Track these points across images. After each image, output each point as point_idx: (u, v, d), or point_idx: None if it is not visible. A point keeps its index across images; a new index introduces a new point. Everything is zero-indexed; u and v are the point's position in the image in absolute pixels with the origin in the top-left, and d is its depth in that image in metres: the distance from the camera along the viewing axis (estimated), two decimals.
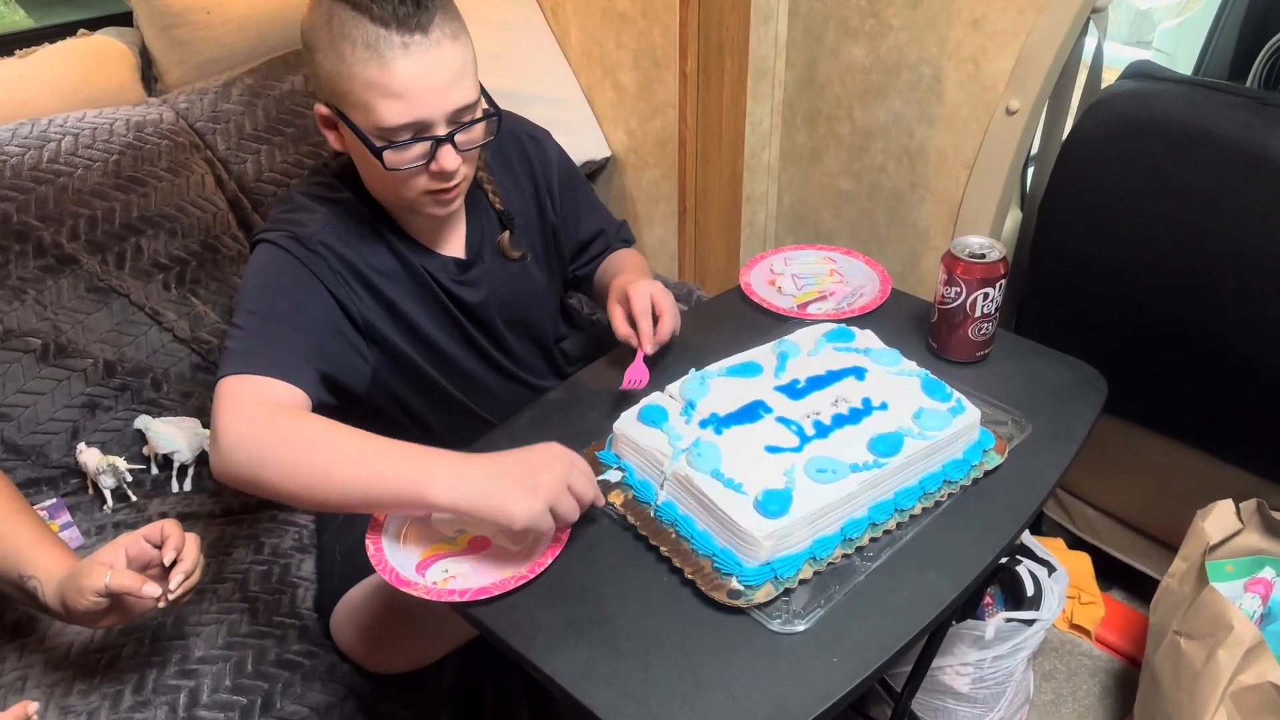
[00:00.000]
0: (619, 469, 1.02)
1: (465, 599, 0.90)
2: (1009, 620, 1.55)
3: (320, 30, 1.01)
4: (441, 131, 1.04)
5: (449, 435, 1.25)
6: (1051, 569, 1.63)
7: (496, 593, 0.90)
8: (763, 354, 1.12)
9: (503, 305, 1.26)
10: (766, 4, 1.85)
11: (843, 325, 1.17)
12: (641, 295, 1.19)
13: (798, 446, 0.98)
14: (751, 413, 1.02)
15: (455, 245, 1.23)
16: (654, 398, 1.05)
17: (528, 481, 0.90)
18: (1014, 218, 1.85)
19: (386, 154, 1.03)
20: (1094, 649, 1.82)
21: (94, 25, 1.84)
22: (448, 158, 1.05)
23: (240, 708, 1.14)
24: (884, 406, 1.03)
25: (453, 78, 1.03)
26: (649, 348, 1.17)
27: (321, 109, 1.07)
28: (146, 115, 1.65)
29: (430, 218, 1.15)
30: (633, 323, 1.19)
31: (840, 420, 1.01)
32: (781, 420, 1.01)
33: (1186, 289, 1.51)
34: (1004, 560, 1.64)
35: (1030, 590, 1.60)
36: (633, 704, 0.81)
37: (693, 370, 1.08)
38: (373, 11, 0.98)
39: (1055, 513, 1.99)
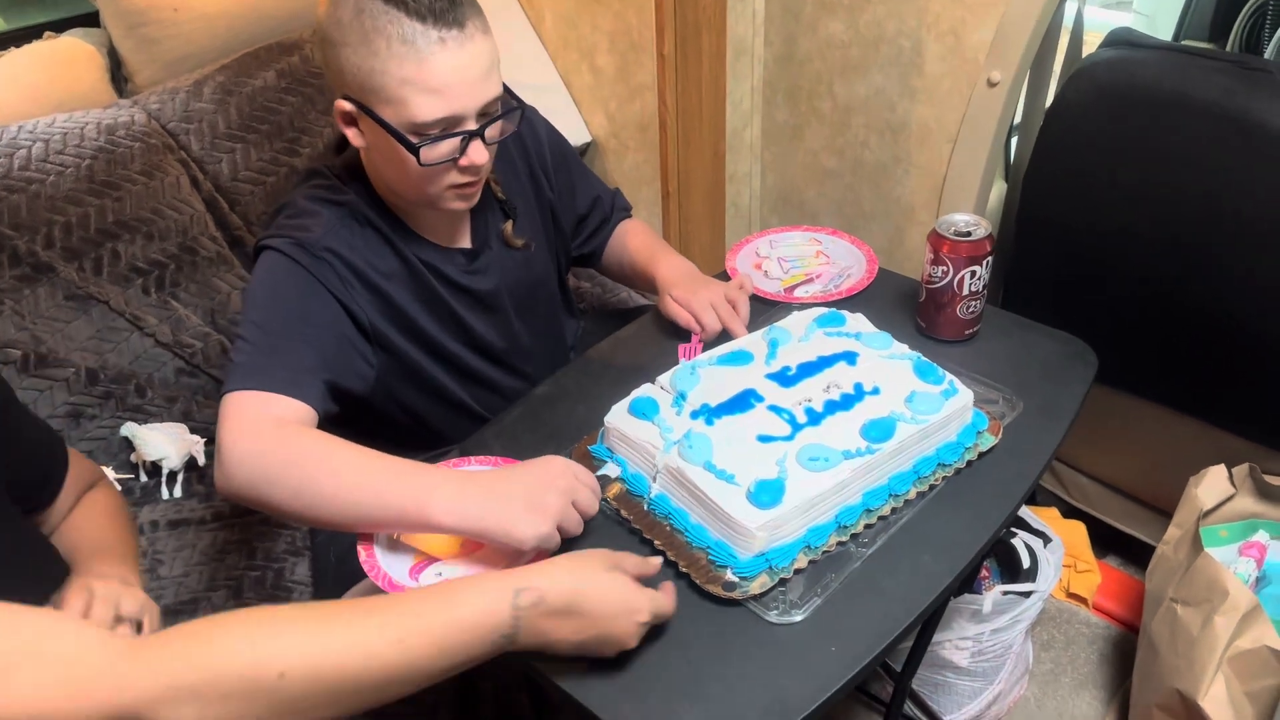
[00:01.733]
0: (614, 464, 1.01)
1: None
2: (1006, 593, 1.55)
3: (348, 25, 0.99)
4: (472, 126, 1.04)
5: (450, 433, 1.24)
6: (1047, 540, 1.64)
7: None
8: (753, 341, 1.11)
9: (513, 292, 1.26)
10: None
11: (834, 310, 1.16)
12: (709, 314, 1.22)
13: (789, 435, 0.97)
14: (743, 402, 1.01)
15: (461, 238, 1.22)
16: (644, 389, 1.04)
17: (534, 502, 0.89)
18: (999, 189, 1.84)
19: (422, 150, 1.02)
20: (1091, 617, 1.82)
21: (60, 27, 1.81)
22: (478, 152, 1.05)
23: None
24: (876, 391, 1.02)
25: (485, 72, 1.02)
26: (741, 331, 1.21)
27: (344, 105, 1.04)
28: (118, 118, 1.63)
29: (449, 213, 1.14)
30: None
31: (832, 406, 1.00)
32: (773, 409, 1.00)
33: (1173, 255, 1.50)
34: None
35: (1026, 562, 1.60)
36: (630, 700, 0.81)
37: (683, 360, 1.07)
38: (408, 6, 0.97)
39: (1049, 482, 1.99)
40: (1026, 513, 1.70)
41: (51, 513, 1.06)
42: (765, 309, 1.27)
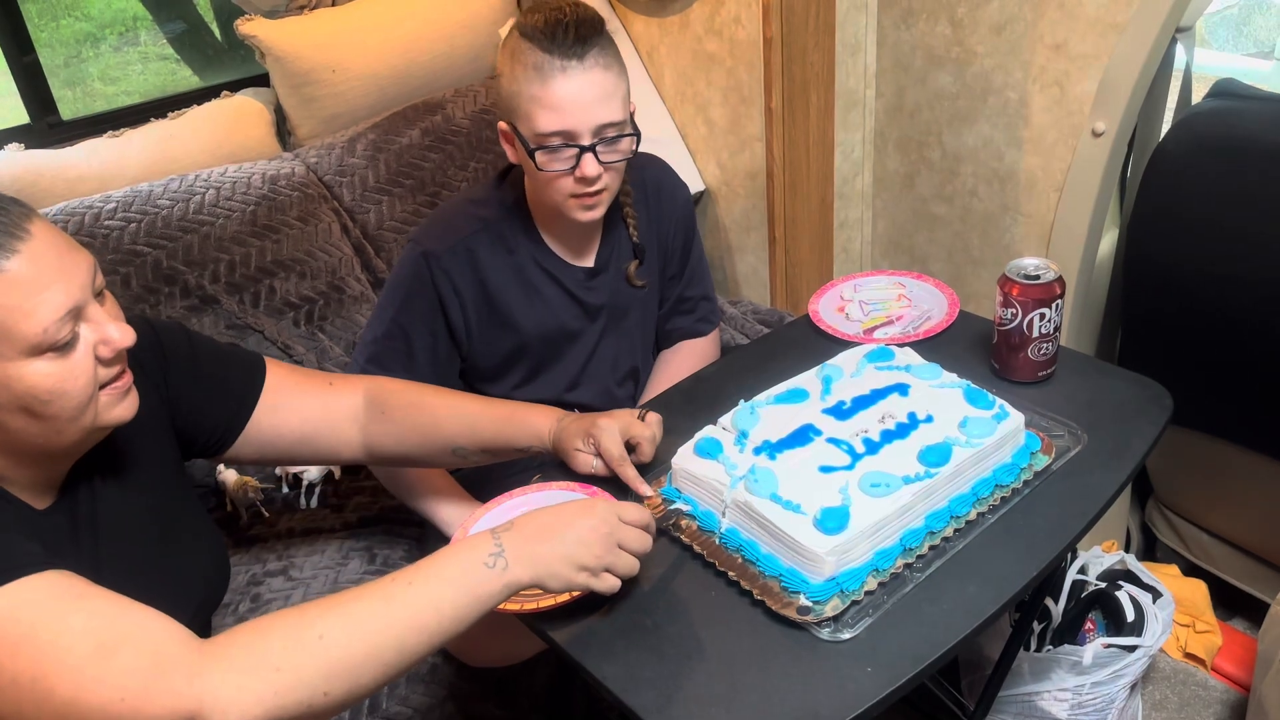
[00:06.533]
0: (684, 504, 1.07)
1: (528, 612, 0.96)
2: (1108, 646, 1.52)
3: (505, 58, 1.25)
4: (586, 142, 1.22)
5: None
6: (1157, 595, 1.59)
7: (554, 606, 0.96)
8: (807, 379, 1.16)
9: (610, 314, 1.43)
10: (855, 37, 1.90)
11: (883, 346, 1.21)
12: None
13: (850, 464, 1.02)
14: (802, 436, 1.06)
15: (587, 258, 1.40)
16: (707, 431, 1.10)
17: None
18: (1111, 237, 1.83)
19: (538, 154, 1.22)
20: (1209, 679, 1.75)
21: (236, 86, 2.05)
22: (589, 165, 1.23)
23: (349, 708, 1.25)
24: (929, 419, 1.06)
25: (599, 98, 1.21)
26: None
27: (502, 124, 1.28)
28: (280, 169, 1.83)
29: (574, 223, 1.31)
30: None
31: (889, 436, 1.05)
32: (832, 441, 1.05)
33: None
34: (1104, 585, 1.61)
35: (1131, 616, 1.57)
36: (673, 706, 0.87)
37: (742, 401, 1.13)
38: (542, 41, 1.20)
39: (1170, 538, 1.94)
40: (1138, 567, 1.66)
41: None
42: (842, 349, 1.30)
